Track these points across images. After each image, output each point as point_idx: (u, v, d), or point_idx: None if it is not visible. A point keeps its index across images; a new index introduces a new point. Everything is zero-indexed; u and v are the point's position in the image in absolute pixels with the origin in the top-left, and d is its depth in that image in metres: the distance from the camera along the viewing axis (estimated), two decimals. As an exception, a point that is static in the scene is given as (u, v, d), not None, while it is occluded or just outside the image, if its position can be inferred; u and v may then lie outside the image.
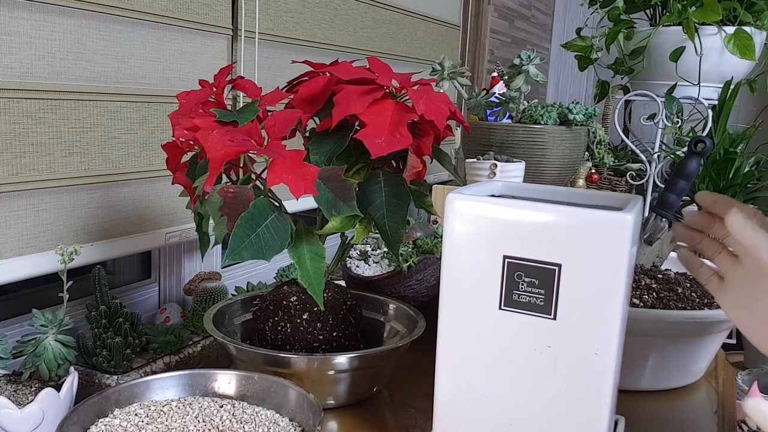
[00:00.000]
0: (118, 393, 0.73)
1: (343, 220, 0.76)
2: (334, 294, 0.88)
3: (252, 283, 1.24)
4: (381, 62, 0.85)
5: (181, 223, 1.12)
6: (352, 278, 1.12)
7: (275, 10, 1.28)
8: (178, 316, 1.09)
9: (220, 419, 0.71)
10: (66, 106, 0.92)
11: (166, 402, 0.74)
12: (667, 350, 0.90)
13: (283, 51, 1.31)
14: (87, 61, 0.94)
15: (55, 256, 0.80)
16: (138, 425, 0.69)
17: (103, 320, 0.92)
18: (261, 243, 0.71)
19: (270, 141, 0.76)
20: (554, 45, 3.10)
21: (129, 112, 1.02)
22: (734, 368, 1.12)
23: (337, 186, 0.74)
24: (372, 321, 0.97)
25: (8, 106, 0.85)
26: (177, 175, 0.85)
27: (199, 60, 1.12)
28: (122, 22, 0.98)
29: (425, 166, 0.82)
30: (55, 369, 0.78)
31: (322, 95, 0.82)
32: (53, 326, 0.79)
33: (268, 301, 0.88)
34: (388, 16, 1.68)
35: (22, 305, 1.02)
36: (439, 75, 1.40)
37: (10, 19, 0.84)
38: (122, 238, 1.03)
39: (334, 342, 0.85)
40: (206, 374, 0.78)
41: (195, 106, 0.81)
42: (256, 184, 0.76)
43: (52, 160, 0.91)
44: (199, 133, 0.74)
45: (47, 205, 0.92)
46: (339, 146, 0.78)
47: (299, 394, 0.73)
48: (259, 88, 0.84)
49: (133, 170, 1.03)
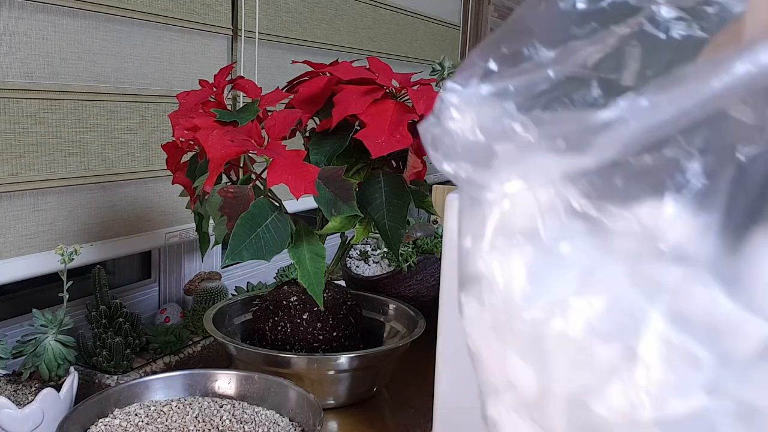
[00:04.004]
0: (118, 393, 0.73)
1: (343, 220, 0.76)
2: (334, 294, 0.88)
3: (252, 283, 1.24)
4: (381, 62, 0.85)
5: (181, 223, 1.12)
6: (352, 278, 1.12)
7: (275, 10, 1.28)
8: (178, 316, 1.09)
9: (220, 419, 0.71)
10: (66, 106, 0.92)
11: (166, 402, 0.74)
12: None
13: (283, 51, 1.31)
14: (87, 61, 0.94)
15: (55, 256, 0.80)
16: (138, 425, 0.69)
17: (103, 320, 0.92)
18: (261, 243, 0.71)
19: (270, 141, 0.76)
20: (554, 45, 3.10)
21: (129, 112, 1.02)
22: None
23: (337, 186, 0.74)
24: (372, 321, 0.97)
25: (8, 106, 0.85)
26: (177, 175, 0.85)
27: (199, 60, 1.12)
28: (122, 22, 0.98)
29: (425, 166, 0.82)
30: (55, 369, 0.78)
31: (322, 95, 0.82)
32: (53, 326, 0.79)
33: (268, 301, 0.88)
34: (388, 16, 1.68)
35: (22, 305, 1.02)
36: (439, 75, 1.40)
37: (9, 19, 0.84)
38: (122, 238, 1.03)
39: (334, 342, 0.85)
40: (206, 374, 0.78)
41: (195, 106, 0.81)
42: (256, 184, 0.76)
43: (52, 160, 0.91)
44: (199, 133, 0.74)
45: (47, 205, 0.92)
46: (339, 146, 0.78)
47: (299, 394, 0.73)
48: (259, 88, 0.84)
49: (133, 170, 1.03)
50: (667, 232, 0.25)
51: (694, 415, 0.25)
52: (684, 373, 0.25)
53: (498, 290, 0.29)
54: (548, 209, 0.27)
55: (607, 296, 0.26)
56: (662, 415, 0.25)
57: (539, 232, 0.27)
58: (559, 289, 0.27)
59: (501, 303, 0.29)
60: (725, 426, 0.25)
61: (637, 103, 0.23)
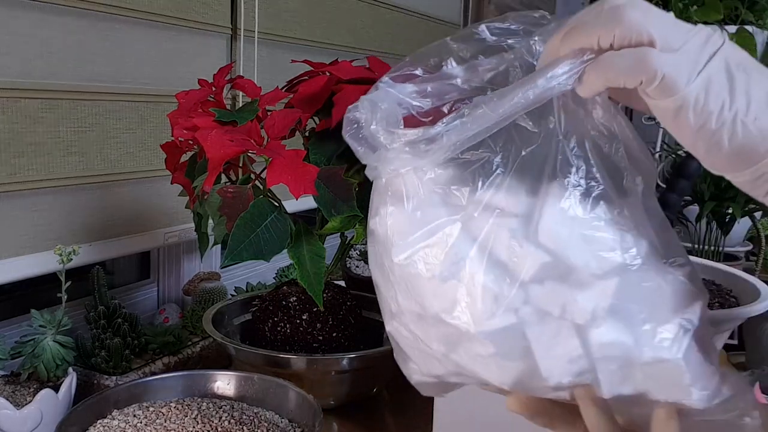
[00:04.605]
0: (117, 394, 0.73)
1: (343, 220, 0.76)
2: (334, 294, 0.87)
3: (251, 283, 1.23)
4: (381, 62, 0.85)
5: (180, 223, 1.12)
6: (352, 278, 1.12)
7: (274, 9, 1.27)
8: (177, 317, 1.09)
9: (220, 420, 0.71)
10: (64, 105, 0.92)
11: (165, 403, 0.74)
12: (668, 351, 0.90)
13: (282, 50, 1.31)
14: (86, 60, 0.94)
15: (53, 257, 0.80)
16: (137, 426, 0.69)
17: (101, 321, 0.92)
18: (260, 243, 0.71)
19: (269, 141, 0.75)
20: (554, 45, 3.10)
21: (128, 112, 1.01)
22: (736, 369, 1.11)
23: (337, 186, 0.73)
24: (372, 321, 0.97)
25: (6, 105, 0.85)
26: (176, 174, 0.84)
27: (199, 59, 1.12)
28: (121, 21, 0.98)
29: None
30: (54, 370, 0.78)
31: (322, 95, 0.81)
32: (52, 327, 0.79)
33: (268, 302, 0.88)
34: (388, 16, 1.68)
35: (20, 305, 1.01)
36: (439, 74, 1.40)
37: (9, 19, 0.84)
38: (121, 238, 1.03)
39: (333, 342, 0.85)
40: (205, 375, 0.78)
41: (194, 105, 0.81)
42: (255, 184, 0.76)
43: (51, 160, 0.91)
44: (198, 133, 0.73)
45: (46, 205, 0.92)
46: (339, 146, 0.78)
47: (299, 394, 0.73)
48: (258, 88, 0.84)
49: (132, 170, 1.03)
50: (485, 198, 0.37)
51: (506, 327, 0.36)
52: (494, 299, 0.36)
53: (381, 242, 0.40)
54: (412, 188, 0.39)
55: (444, 246, 0.37)
56: (483, 330, 0.37)
57: (404, 203, 0.39)
58: (416, 242, 0.38)
59: (383, 252, 0.40)
60: (529, 330, 0.36)
61: (453, 122, 0.36)
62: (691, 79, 0.34)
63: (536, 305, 0.36)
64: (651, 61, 0.34)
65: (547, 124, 0.37)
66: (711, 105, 0.34)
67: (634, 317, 0.36)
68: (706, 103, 0.34)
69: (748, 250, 1.91)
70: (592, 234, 0.36)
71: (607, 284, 0.35)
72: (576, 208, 0.36)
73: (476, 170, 0.37)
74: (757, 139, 0.34)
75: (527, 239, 0.36)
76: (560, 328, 0.36)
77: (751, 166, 0.34)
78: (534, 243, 0.36)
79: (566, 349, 0.36)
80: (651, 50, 0.34)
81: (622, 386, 0.36)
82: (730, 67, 0.34)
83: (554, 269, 0.36)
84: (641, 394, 0.37)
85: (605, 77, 0.35)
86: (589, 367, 0.36)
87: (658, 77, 0.34)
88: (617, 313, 0.36)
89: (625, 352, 0.36)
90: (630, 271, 0.36)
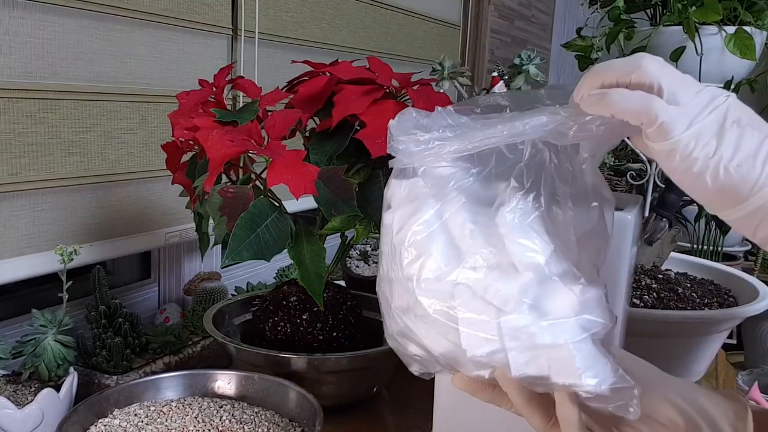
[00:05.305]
0: (118, 393, 0.73)
1: (343, 220, 0.76)
2: (334, 294, 0.88)
3: (252, 283, 1.24)
4: (381, 62, 0.85)
5: (181, 223, 1.12)
6: (352, 278, 1.12)
7: (275, 9, 1.28)
8: (177, 317, 1.09)
9: (220, 420, 0.71)
10: (65, 105, 0.92)
11: (165, 402, 0.74)
12: (667, 350, 0.90)
13: (283, 51, 1.31)
14: (87, 60, 0.94)
15: (54, 256, 0.80)
16: (138, 425, 0.69)
17: (102, 320, 0.92)
18: (261, 243, 0.71)
19: (270, 141, 0.76)
20: (554, 45, 3.10)
21: (129, 112, 1.02)
22: (734, 368, 1.11)
23: (337, 186, 0.74)
24: (372, 321, 0.97)
25: (8, 105, 0.85)
26: (177, 175, 0.85)
27: (199, 60, 1.12)
28: (122, 21, 0.98)
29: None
30: (55, 369, 0.78)
31: (322, 95, 0.82)
32: (53, 326, 0.79)
33: (268, 301, 0.88)
34: (388, 16, 1.68)
35: (21, 305, 1.02)
36: (439, 75, 1.40)
37: (9, 19, 0.84)
38: (122, 238, 1.03)
39: (334, 342, 0.85)
40: (206, 374, 0.78)
41: (195, 106, 0.81)
42: (256, 184, 0.76)
43: (52, 160, 0.91)
44: (198, 133, 0.74)
45: (47, 205, 0.92)
46: (339, 146, 0.78)
47: (299, 394, 0.73)
48: (258, 88, 0.84)
49: (132, 170, 1.03)
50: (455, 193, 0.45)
51: (453, 288, 0.43)
52: (443, 269, 0.44)
53: (389, 239, 0.47)
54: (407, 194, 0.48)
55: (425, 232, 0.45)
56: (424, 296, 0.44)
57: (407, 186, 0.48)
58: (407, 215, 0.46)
59: (390, 251, 0.47)
60: (458, 302, 0.43)
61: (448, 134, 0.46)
62: (684, 129, 0.39)
63: (468, 284, 0.43)
64: (653, 107, 0.39)
65: (521, 155, 0.45)
66: (697, 152, 0.39)
67: (541, 309, 0.42)
68: (694, 149, 0.39)
69: (746, 250, 1.91)
70: (524, 238, 0.43)
71: (525, 279, 0.43)
72: (517, 217, 0.44)
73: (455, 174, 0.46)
74: (738, 183, 0.38)
75: (479, 231, 0.44)
76: (483, 309, 0.43)
77: (735, 206, 0.39)
78: (482, 235, 0.44)
79: (484, 328, 0.43)
80: (657, 98, 0.39)
81: (528, 368, 0.43)
82: (725, 122, 0.39)
83: (492, 257, 0.43)
84: (545, 377, 0.43)
85: (614, 107, 0.40)
86: (501, 347, 0.43)
87: (657, 122, 0.39)
88: (528, 305, 0.43)
89: (530, 337, 0.42)
90: (544, 273, 0.43)
